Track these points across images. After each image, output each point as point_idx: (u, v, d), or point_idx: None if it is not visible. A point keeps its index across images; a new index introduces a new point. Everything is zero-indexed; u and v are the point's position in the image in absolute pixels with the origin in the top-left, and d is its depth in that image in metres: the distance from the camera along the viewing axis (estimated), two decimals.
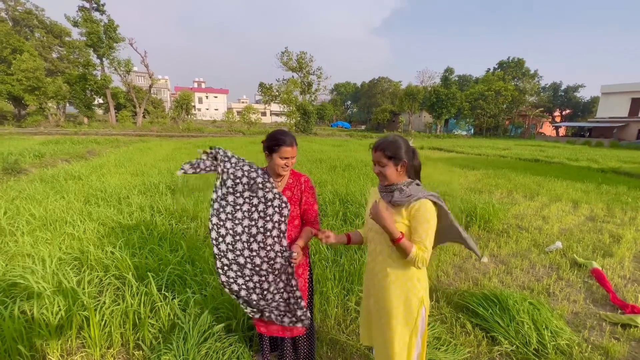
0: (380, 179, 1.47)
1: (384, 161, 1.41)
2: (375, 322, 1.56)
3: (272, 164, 1.62)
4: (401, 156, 1.40)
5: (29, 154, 9.33)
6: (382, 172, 1.43)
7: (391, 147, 1.40)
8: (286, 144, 1.57)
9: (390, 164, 1.41)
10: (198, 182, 6.17)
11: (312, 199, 1.74)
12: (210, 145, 1.69)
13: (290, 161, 1.61)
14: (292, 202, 1.69)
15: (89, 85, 27.35)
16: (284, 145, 1.57)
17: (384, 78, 60.18)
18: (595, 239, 4.44)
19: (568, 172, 10.43)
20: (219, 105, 69.03)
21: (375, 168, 1.45)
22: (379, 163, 1.43)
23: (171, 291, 2.46)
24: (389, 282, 1.46)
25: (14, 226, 3.55)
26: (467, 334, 2.38)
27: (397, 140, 1.43)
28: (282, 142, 1.57)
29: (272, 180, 1.65)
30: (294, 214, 1.70)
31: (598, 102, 37.84)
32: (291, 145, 1.58)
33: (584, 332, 2.45)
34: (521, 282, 3.25)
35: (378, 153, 1.42)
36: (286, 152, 1.57)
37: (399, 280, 1.44)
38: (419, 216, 1.36)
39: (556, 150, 19.11)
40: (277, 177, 1.69)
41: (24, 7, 28.58)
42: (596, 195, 7.00)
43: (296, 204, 1.70)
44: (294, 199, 1.70)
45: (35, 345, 2.00)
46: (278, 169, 1.61)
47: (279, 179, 1.70)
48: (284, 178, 1.71)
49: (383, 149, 1.41)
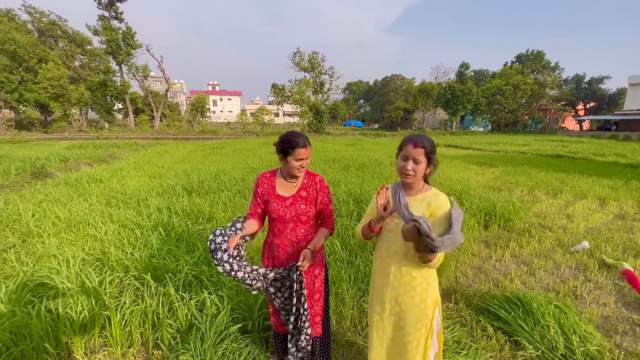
0: (406, 177, 1.39)
1: (421, 159, 1.35)
2: (387, 324, 1.52)
3: (288, 166, 1.62)
4: (435, 157, 1.39)
5: (54, 158, 9.76)
6: (414, 170, 1.35)
7: (432, 146, 1.38)
8: (300, 146, 1.56)
9: (425, 163, 1.37)
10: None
11: (327, 199, 1.73)
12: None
13: (305, 162, 1.60)
14: (308, 202, 1.68)
15: (109, 91, 28.46)
16: (297, 147, 1.56)
17: (397, 75, 59.34)
18: (626, 238, 4.20)
19: (593, 167, 9.94)
20: (233, 107, 70.22)
21: (409, 164, 1.36)
22: (415, 160, 1.35)
23: (188, 292, 2.50)
24: (404, 283, 1.42)
25: (41, 228, 3.71)
26: (488, 338, 2.29)
27: (432, 140, 1.40)
28: (296, 144, 1.56)
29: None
30: (309, 214, 1.69)
31: (625, 93, 35.95)
32: (305, 147, 1.58)
33: (615, 337, 2.31)
34: (545, 283, 3.11)
35: (419, 149, 1.34)
36: (300, 153, 1.57)
37: (415, 280, 1.41)
38: (441, 214, 1.34)
39: (580, 145, 18.26)
40: (292, 179, 1.69)
41: (49, 18, 29.95)
42: (625, 191, 6.64)
43: (311, 203, 1.69)
44: (309, 198, 1.69)
45: (61, 343, 2.08)
46: (294, 170, 1.61)
47: (294, 180, 1.69)
48: (299, 179, 1.70)
49: (425, 147, 1.35)
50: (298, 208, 1.66)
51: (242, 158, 10.81)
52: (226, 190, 5.71)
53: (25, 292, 2.31)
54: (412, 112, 45.93)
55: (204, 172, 7.56)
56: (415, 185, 1.42)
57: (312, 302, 1.76)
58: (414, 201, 1.40)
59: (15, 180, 6.90)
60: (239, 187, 6.00)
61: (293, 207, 1.66)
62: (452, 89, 36.68)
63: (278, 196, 1.67)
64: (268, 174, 1.74)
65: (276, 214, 1.66)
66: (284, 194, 1.67)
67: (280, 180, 1.70)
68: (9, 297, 2.25)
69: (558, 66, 44.12)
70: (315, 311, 1.78)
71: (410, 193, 1.43)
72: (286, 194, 1.67)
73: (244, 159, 10.43)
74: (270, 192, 1.69)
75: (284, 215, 1.66)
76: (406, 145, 1.36)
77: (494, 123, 42.34)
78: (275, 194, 1.68)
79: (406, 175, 1.37)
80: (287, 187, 1.69)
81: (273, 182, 1.70)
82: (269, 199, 1.68)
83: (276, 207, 1.66)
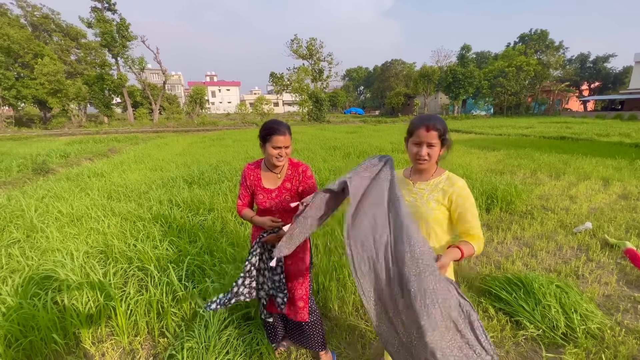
0: (421, 164, 1.30)
1: (435, 142, 1.25)
2: None
3: (267, 154, 1.60)
4: (448, 137, 1.28)
5: (55, 154, 9.77)
6: (430, 155, 1.26)
7: (444, 127, 1.26)
8: (277, 133, 1.53)
9: (439, 146, 1.27)
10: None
11: (308, 188, 1.67)
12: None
13: (283, 151, 1.57)
14: (292, 194, 1.66)
15: (107, 85, 28.19)
16: (275, 134, 1.53)
17: (397, 60, 58.23)
18: (629, 217, 4.18)
19: (597, 148, 9.82)
20: (232, 98, 69.58)
21: (423, 150, 1.26)
22: (430, 144, 1.25)
23: (191, 281, 2.53)
24: None
25: (44, 223, 3.74)
26: (489, 319, 2.31)
27: (443, 119, 1.29)
28: (274, 131, 1.53)
29: None
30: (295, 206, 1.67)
31: (631, 72, 35.16)
32: (283, 134, 1.54)
33: (616, 315, 2.33)
34: (547, 264, 3.12)
35: (432, 133, 1.23)
36: (278, 140, 1.54)
37: None
38: (464, 196, 1.28)
39: (584, 126, 18.01)
40: (274, 168, 1.66)
41: (41, 11, 29.44)
42: (629, 171, 6.57)
43: (295, 194, 1.67)
44: (293, 190, 1.67)
45: (69, 333, 2.12)
46: (272, 159, 1.58)
47: (277, 170, 1.67)
48: (282, 170, 1.67)
49: (439, 129, 1.23)
50: (283, 200, 1.66)
51: (242, 148, 10.78)
52: (227, 181, 5.71)
53: (31, 285, 2.35)
54: (413, 98, 45.28)
55: (204, 164, 7.55)
56: (428, 170, 1.35)
57: (296, 285, 1.75)
58: (427, 187, 1.35)
59: (17, 177, 6.93)
60: (240, 178, 5.98)
61: (278, 199, 1.66)
62: (454, 73, 36.01)
63: (264, 188, 1.67)
64: (252, 165, 1.73)
65: (262, 205, 1.68)
66: (269, 187, 1.67)
67: (265, 173, 1.69)
68: (15, 291, 2.29)
69: (562, 45, 43.01)
70: (299, 295, 1.75)
71: (423, 178, 1.37)
72: (271, 187, 1.67)
73: (244, 150, 10.40)
74: (256, 184, 1.69)
75: (270, 207, 1.67)
76: (418, 129, 1.26)
77: (496, 106, 41.71)
78: (261, 186, 1.68)
79: (421, 162, 1.29)
80: (272, 179, 1.68)
81: (258, 174, 1.69)
82: (256, 191, 1.69)
83: (262, 199, 1.67)
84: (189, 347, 1.87)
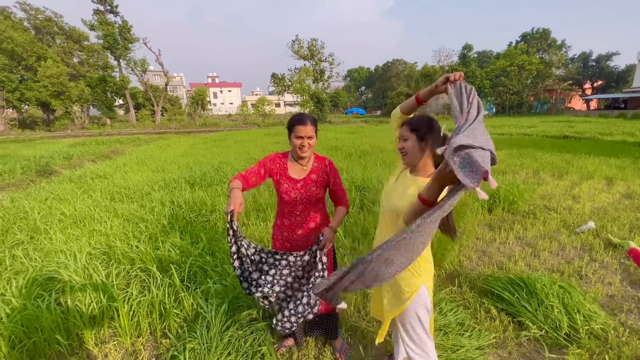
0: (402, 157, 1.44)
1: (408, 135, 1.37)
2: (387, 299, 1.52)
3: (292, 145, 1.65)
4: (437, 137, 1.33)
5: (58, 156, 9.84)
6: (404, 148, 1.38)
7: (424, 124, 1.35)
8: (300, 123, 1.59)
9: (414, 141, 1.35)
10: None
11: (338, 180, 1.78)
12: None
13: (306, 141, 1.61)
14: (318, 185, 1.71)
15: (109, 87, 28.35)
16: (297, 124, 1.59)
17: (398, 60, 58.11)
18: (633, 217, 4.15)
19: (601, 147, 9.76)
20: (234, 99, 69.72)
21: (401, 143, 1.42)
22: (404, 137, 1.39)
23: (193, 282, 2.54)
24: None
25: (47, 224, 3.76)
26: (492, 319, 2.30)
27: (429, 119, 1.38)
28: (297, 122, 1.60)
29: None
30: (319, 196, 1.72)
31: (634, 70, 34.93)
32: (305, 124, 1.59)
33: (620, 315, 2.31)
34: (550, 265, 3.10)
35: (405, 127, 1.39)
36: (300, 130, 1.59)
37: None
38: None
39: (587, 125, 17.90)
40: (300, 160, 1.70)
41: (44, 14, 29.63)
42: (633, 170, 6.53)
43: (322, 186, 1.73)
44: (319, 181, 1.72)
45: (72, 334, 2.13)
46: (296, 149, 1.63)
47: (303, 162, 1.71)
48: (308, 162, 1.72)
49: (411, 123, 1.38)
50: (309, 190, 1.69)
51: (244, 149, 10.80)
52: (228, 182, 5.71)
53: (35, 287, 2.36)
54: None
55: (206, 165, 7.57)
56: (419, 167, 1.38)
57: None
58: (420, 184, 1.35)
59: (21, 178, 6.98)
60: None
61: (304, 189, 1.68)
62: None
63: (290, 178, 1.69)
64: (280, 154, 1.76)
65: (287, 195, 1.69)
66: (295, 177, 1.70)
67: (291, 163, 1.72)
68: (19, 292, 2.31)
69: (564, 44, 42.80)
70: None
71: (419, 174, 1.40)
72: (297, 177, 1.70)
73: (246, 150, 10.42)
74: (282, 173, 1.71)
75: (295, 197, 1.68)
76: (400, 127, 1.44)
77: (498, 106, 41.53)
78: (287, 176, 1.70)
79: (400, 154, 1.43)
80: (298, 169, 1.71)
81: (285, 163, 1.73)
82: (280, 180, 1.70)
83: (287, 188, 1.68)
84: (191, 348, 1.88)
